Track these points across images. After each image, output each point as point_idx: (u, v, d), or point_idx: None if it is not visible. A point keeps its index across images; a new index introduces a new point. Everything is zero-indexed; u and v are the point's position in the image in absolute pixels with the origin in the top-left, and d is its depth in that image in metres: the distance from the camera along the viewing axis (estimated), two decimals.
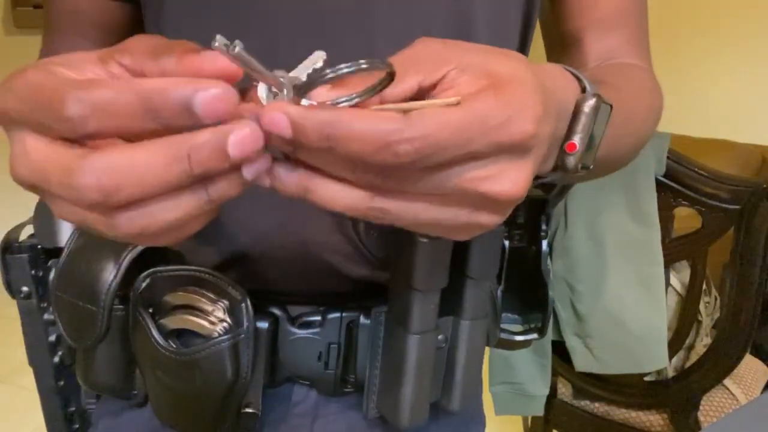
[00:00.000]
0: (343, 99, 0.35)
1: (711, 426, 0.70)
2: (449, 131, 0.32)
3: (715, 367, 1.31)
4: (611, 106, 0.44)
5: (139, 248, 0.58)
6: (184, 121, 0.32)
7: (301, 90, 0.35)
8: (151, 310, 0.58)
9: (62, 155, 0.32)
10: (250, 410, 0.57)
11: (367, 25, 0.56)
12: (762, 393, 1.37)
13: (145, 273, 0.57)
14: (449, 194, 0.35)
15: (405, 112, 0.33)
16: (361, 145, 0.32)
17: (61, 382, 0.74)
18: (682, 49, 2.36)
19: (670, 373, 1.39)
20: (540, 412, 1.39)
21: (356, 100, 0.35)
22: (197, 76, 0.33)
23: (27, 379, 0.79)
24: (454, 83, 0.35)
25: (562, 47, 0.69)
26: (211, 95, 0.31)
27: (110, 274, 0.58)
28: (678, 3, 2.36)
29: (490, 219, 0.37)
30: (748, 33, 2.41)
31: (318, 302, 0.60)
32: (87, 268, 0.59)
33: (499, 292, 0.61)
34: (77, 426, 0.76)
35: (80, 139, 0.33)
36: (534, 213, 0.63)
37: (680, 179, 1.27)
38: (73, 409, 0.75)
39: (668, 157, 1.27)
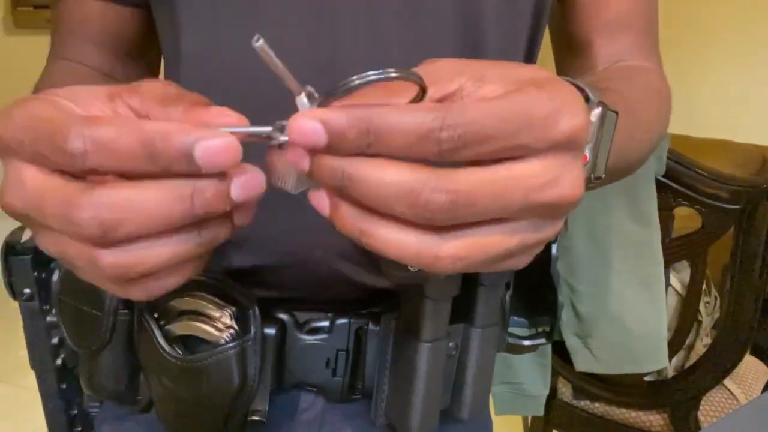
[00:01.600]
0: (369, 75, 0.33)
1: (711, 426, 0.70)
2: (493, 119, 0.31)
3: (715, 367, 1.31)
4: (617, 113, 0.44)
5: None
6: (184, 168, 0.32)
7: (326, 101, 0.34)
8: (156, 316, 0.57)
9: (61, 187, 0.32)
10: (256, 418, 0.57)
11: (377, 36, 0.55)
12: (762, 393, 1.37)
13: None
14: (514, 213, 0.33)
15: None
16: (402, 137, 0.30)
17: (63, 385, 0.73)
18: (682, 50, 2.36)
19: (670, 373, 1.40)
20: (540, 412, 1.39)
21: (374, 77, 0.34)
22: None
23: (28, 379, 0.78)
24: (473, 95, 0.34)
25: (571, 51, 0.69)
26: (213, 145, 0.31)
27: None
28: (678, 3, 2.36)
29: (552, 230, 0.36)
30: (748, 33, 2.41)
31: (326, 308, 0.60)
32: None
33: (507, 297, 0.61)
34: (79, 429, 0.75)
35: (79, 174, 0.33)
36: None
37: (680, 179, 1.27)
38: (75, 412, 0.75)
39: (668, 157, 1.26)
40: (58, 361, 0.73)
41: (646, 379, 1.38)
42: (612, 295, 1.30)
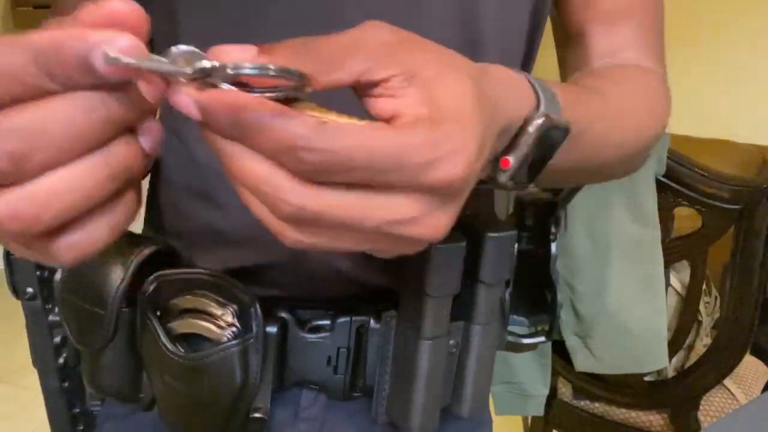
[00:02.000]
0: (264, 91, 0.31)
1: (711, 426, 0.71)
2: (364, 153, 0.30)
3: (715, 367, 1.31)
4: (567, 128, 0.43)
5: (147, 250, 0.58)
6: (85, 80, 0.28)
7: (202, 77, 0.30)
8: (158, 314, 0.58)
9: None
10: (258, 415, 0.57)
11: None
12: (762, 393, 1.37)
13: (153, 276, 0.57)
14: (366, 234, 0.32)
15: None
16: (268, 143, 0.30)
17: (66, 384, 0.74)
18: (682, 49, 2.36)
19: (670, 373, 1.40)
20: (540, 412, 1.40)
21: (274, 94, 0.32)
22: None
23: (29, 379, 0.78)
24: (396, 93, 0.33)
25: (567, 43, 0.67)
26: (113, 49, 0.28)
27: (118, 276, 0.57)
28: (679, 3, 2.36)
29: (412, 249, 0.35)
30: (748, 33, 2.41)
31: (327, 307, 0.60)
32: (94, 270, 0.58)
33: (507, 295, 0.61)
34: (81, 428, 0.76)
35: None
36: (543, 215, 0.63)
37: (680, 179, 1.27)
38: (77, 410, 0.75)
39: (668, 157, 1.27)
40: (60, 360, 0.73)
41: (646, 379, 1.38)
42: (612, 295, 1.30)
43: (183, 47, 0.30)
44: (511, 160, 0.40)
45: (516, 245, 0.61)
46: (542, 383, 1.37)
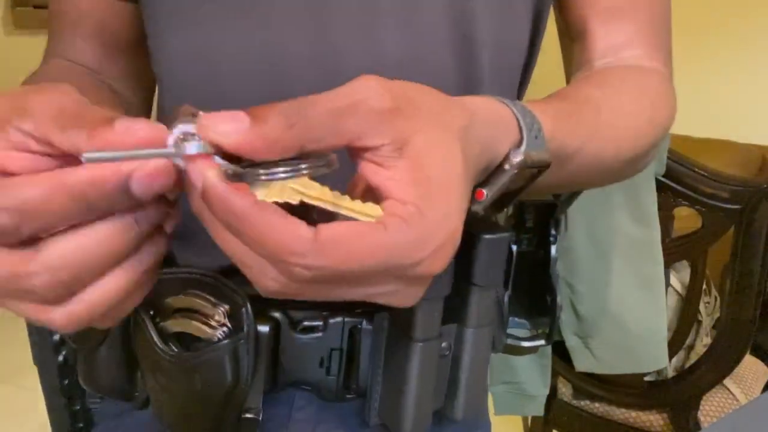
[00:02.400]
0: (278, 172, 0.33)
1: (711, 426, 0.70)
2: (354, 265, 0.31)
3: (715, 367, 1.30)
4: (546, 165, 0.45)
5: None
6: (123, 205, 0.32)
7: (233, 176, 0.32)
8: (152, 313, 0.58)
9: (2, 262, 0.32)
10: (250, 416, 0.57)
11: (373, 35, 0.55)
12: (762, 393, 1.37)
13: None
14: None
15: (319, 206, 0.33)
16: (260, 248, 0.31)
17: (66, 381, 0.74)
18: (682, 49, 2.36)
19: (670, 373, 1.39)
20: (540, 412, 1.39)
21: (284, 175, 0.33)
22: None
23: (28, 379, 0.78)
24: (386, 163, 0.34)
25: (570, 41, 0.67)
26: (148, 173, 0.31)
27: None
28: (678, 2, 2.35)
29: None
30: (749, 33, 2.41)
31: (320, 307, 0.59)
32: None
33: (506, 298, 0.60)
34: (81, 425, 0.76)
35: (16, 244, 0.32)
36: (543, 217, 0.63)
37: (680, 179, 1.27)
38: (77, 407, 0.75)
39: (668, 157, 1.26)
40: (60, 358, 0.73)
41: (646, 379, 1.38)
42: (612, 295, 1.30)
43: (183, 127, 0.32)
44: (486, 192, 0.42)
45: (515, 247, 0.61)
46: (542, 383, 1.37)
